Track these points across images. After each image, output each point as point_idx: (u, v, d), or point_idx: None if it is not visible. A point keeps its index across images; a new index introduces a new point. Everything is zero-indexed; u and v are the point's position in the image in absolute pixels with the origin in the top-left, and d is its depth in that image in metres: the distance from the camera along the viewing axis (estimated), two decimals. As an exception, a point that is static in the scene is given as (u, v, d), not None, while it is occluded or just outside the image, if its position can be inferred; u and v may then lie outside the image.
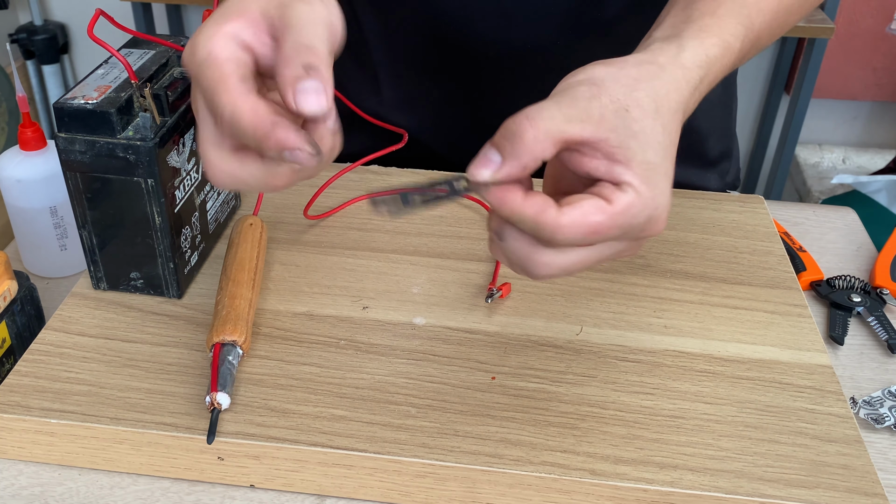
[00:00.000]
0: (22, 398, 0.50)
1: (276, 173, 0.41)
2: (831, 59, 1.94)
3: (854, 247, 0.73)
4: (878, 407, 0.55)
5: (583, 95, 0.40)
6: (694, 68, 0.44)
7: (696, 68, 0.44)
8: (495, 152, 0.41)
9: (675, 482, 0.46)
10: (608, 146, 0.39)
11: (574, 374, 0.53)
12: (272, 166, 0.41)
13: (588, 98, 0.40)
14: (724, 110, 0.82)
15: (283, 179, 0.41)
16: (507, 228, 0.41)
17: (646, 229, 0.41)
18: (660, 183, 0.40)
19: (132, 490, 0.49)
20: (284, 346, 0.54)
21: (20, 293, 0.56)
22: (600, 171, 0.40)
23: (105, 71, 0.55)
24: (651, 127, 0.40)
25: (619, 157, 0.39)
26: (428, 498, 0.49)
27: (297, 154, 0.39)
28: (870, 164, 2.04)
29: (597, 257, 0.42)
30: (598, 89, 0.40)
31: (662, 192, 0.40)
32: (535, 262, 0.41)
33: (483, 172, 0.41)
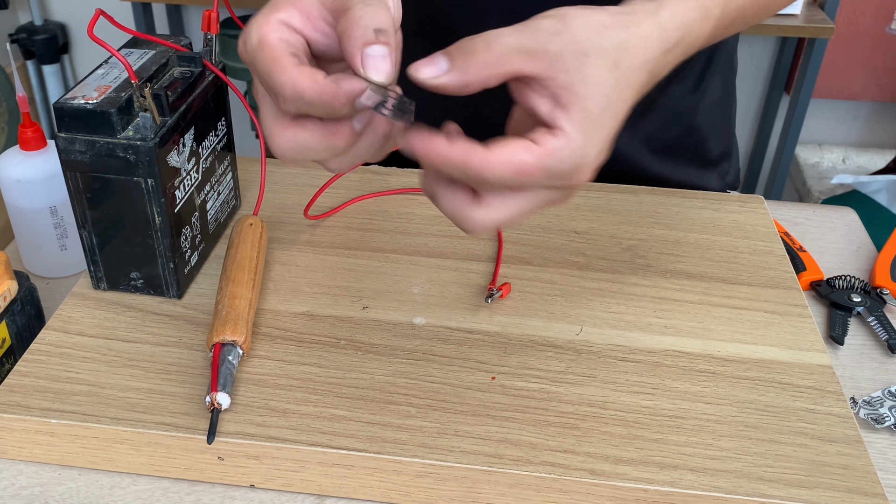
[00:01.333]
0: (22, 398, 0.50)
1: (336, 130, 0.42)
2: (831, 59, 1.94)
3: (854, 247, 0.73)
4: (878, 407, 0.55)
5: (546, 29, 0.40)
6: (671, 29, 0.44)
7: (672, 29, 0.44)
8: (444, 59, 0.41)
9: (675, 482, 0.46)
10: (556, 86, 0.40)
11: (574, 374, 0.53)
12: (332, 125, 0.42)
13: (551, 33, 0.40)
14: (724, 110, 0.82)
15: (343, 136, 0.42)
16: (439, 186, 0.42)
17: (572, 177, 0.41)
18: (594, 135, 0.40)
19: (132, 490, 0.49)
20: (284, 346, 0.54)
21: (20, 293, 0.56)
22: (542, 110, 0.40)
23: (105, 71, 0.55)
24: (604, 77, 0.40)
25: (563, 101, 0.40)
26: (428, 498, 0.49)
27: (369, 94, 0.40)
28: (870, 164, 2.04)
29: (527, 207, 0.42)
30: (564, 27, 0.40)
31: (595, 143, 0.40)
32: (467, 217, 0.42)
33: (425, 71, 0.40)
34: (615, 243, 0.65)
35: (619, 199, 0.70)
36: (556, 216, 0.68)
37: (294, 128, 0.42)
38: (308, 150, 0.43)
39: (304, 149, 0.43)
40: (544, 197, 0.42)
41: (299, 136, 0.42)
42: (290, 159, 0.43)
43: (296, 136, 0.42)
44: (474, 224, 0.42)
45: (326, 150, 0.43)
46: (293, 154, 0.43)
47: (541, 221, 0.67)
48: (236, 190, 0.67)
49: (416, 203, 0.69)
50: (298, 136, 0.42)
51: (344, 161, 0.44)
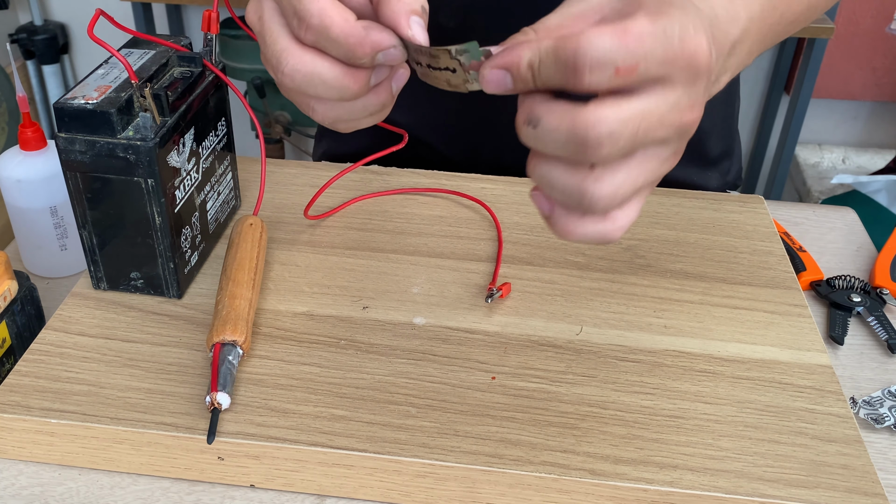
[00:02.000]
0: (22, 398, 0.50)
1: (356, 72, 0.41)
2: (831, 59, 1.94)
3: (854, 247, 0.73)
4: (878, 407, 0.55)
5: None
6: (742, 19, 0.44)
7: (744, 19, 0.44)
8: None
9: (675, 482, 0.46)
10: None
11: (574, 374, 0.53)
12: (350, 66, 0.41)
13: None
14: (726, 109, 0.82)
15: (359, 81, 0.41)
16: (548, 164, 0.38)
17: (683, 51, 0.36)
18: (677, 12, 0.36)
19: (132, 490, 0.49)
20: (284, 346, 0.54)
21: (20, 293, 0.56)
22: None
23: (105, 71, 0.55)
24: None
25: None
26: (428, 498, 0.49)
27: (393, 52, 0.40)
28: (870, 164, 2.04)
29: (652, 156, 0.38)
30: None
31: (682, 19, 0.36)
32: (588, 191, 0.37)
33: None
34: (615, 243, 0.65)
35: (619, 199, 0.70)
36: (556, 216, 0.68)
37: (314, 53, 0.41)
38: (319, 83, 0.41)
39: (317, 79, 0.41)
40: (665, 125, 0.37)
41: (318, 63, 0.41)
42: (296, 86, 0.42)
43: (314, 62, 0.41)
44: (599, 197, 0.37)
45: (337, 89, 0.42)
46: (302, 80, 0.41)
47: (540, 221, 0.67)
48: (236, 190, 0.67)
49: (416, 203, 0.69)
50: (317, 63, 0.41)
51: (338, 111, 0.43)
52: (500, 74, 0.38)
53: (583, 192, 0.38)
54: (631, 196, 0.39)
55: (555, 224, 0.41)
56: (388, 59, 0.40)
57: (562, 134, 0.36)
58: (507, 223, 0.67)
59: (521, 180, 0.72)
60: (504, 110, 0.46)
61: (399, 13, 0.40)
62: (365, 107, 0.44)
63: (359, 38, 0.39)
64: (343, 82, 0.41)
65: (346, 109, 0.44)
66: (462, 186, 0.71)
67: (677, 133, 0.38)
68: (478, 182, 0.72)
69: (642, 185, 0.39)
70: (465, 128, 0.77)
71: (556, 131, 0.36)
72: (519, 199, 0.70)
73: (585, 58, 0.34)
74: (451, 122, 0.77)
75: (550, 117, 0.37)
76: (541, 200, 0.41)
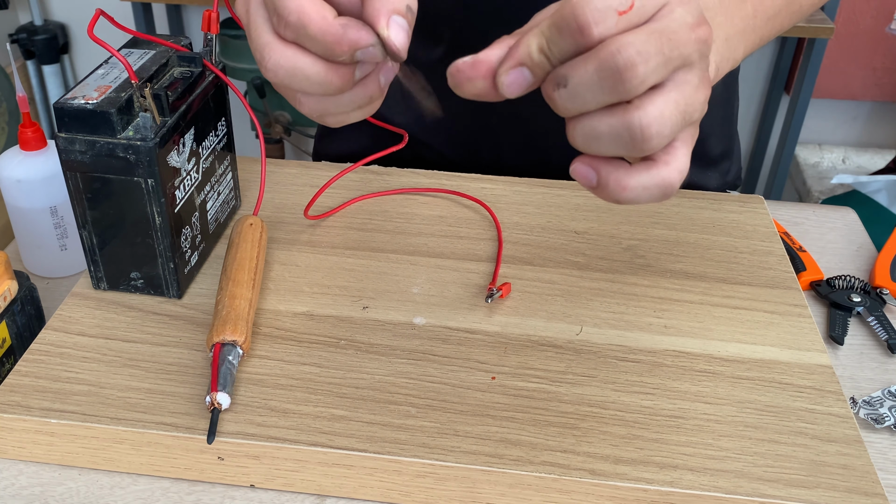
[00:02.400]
0: (22, 398, 0.50)
1: (339, 68, 0.41)
2: (831, 59, 1.94)
3: (854, 247, 0.73)
4: (878, 407, 0.55)
5: None
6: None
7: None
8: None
9: (675, 482, 0.46)
10: None
11: (574, 374, 0.53)
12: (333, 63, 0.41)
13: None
14: (726, 109, 0.82)
15: (343, 77, 0.41)
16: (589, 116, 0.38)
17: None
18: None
19: (132, 490, 0.49)
20: (284, 346, 0.54)
21: (20, 293, 0.56)
22: None
23: (105, 71, 0.55)
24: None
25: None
26: (428, 498, 0.49)
27: (371, 51, 0.39)
28: (870, 164, 2.04)
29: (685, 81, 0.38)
30: None
31: None
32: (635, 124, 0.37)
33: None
34: (615, 243, 0.65)
35: (619, 199, 0.70)
36: (556, 216, 0.68)
37: (295, 48, 0.41)
38: (302, 78, 0.41)
39: (300, 74, 0.41)
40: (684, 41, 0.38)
41: (299, 59, 0.41)
42: (280, 80, 0.42)
43: (295, 58, 0.41)
44: (648, 122, 0.37)
45: (321, 84, 0.41)
46: (286, 75, 0.41)
47: (541, 221, 0.67)
48: (236, 190, 0.67)
49: (416, 203, 0.69)
50: (298, 58, 0.41)
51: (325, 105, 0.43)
52: (517, 73, 0.39)
53: (630, 125, 0.37)
54: (678, 126, 0.38)
55: (606, 186, 0.40)
56: (367, 57, 0.40)
57: (592, 74, 0.37)
58: (507, 223, 0.67)
59: (521, 180, 0.72)
60: (503, 111, 0.46)
61: (380, 11, 0.40)
62: (352, 100, 0.43)
63: (336, 35, 0.39)
64: (326, 78, 0.41)
65: (333, 103, 0.43)
66: (462, 186, 0.71)
67: (696, 50, 0.38)
68: (478, 182, 0.72)
69: (684, 112, 0.38)
70: (465, 128, 0.77)
71: (586, 75, 0.37)
72: (519, 199, 0.70)
73: (585, 14, 0.36)
74: (451, 123, 0.77)
75: (576, 69, 0.37)
76: (584, 170, 0.40)
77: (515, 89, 0.39)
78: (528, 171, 0.75)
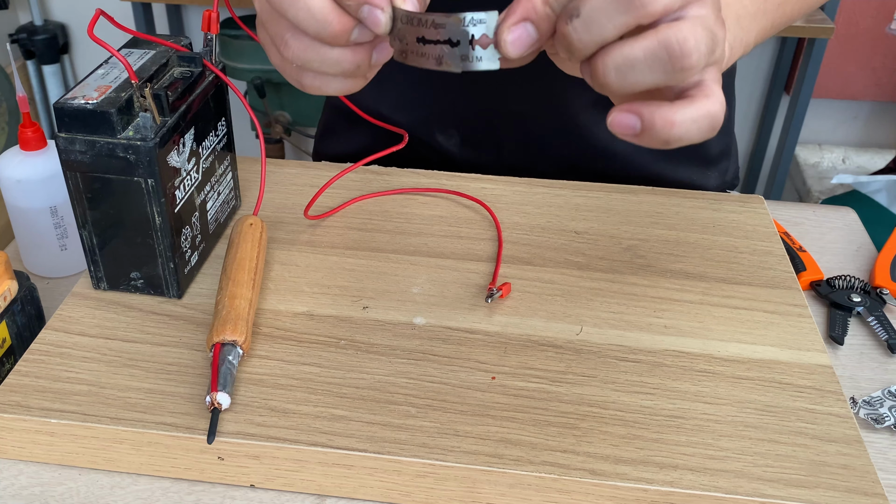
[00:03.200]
0: (22, 398, 0.50)
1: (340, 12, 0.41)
2: (831, 59, 1.94)
3: (854, 247, 0.73)
4: (878, 407, 0.55)
5: None
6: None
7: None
8: None
9: (675, 482, 0.46)
10: None
11: (574, 374, 0.53)
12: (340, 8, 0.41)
13: None
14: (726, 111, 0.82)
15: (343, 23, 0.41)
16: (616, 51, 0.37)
17: None
18: None
19: (132, 490, 0.49)
20: (284, 346, 0.54)
21: (20, 293, 0.56)
22: None
23: (105, 71, 0.55)
24: None
25: None
26: (428, 498, 0.49)
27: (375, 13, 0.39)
28: (870, 164, 2.04)
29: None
30: None
31: None
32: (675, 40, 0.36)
33: None
34: (615, 243, 0.65)
35: (619, 199, 0.70)
36: (556, 216, 0.68)
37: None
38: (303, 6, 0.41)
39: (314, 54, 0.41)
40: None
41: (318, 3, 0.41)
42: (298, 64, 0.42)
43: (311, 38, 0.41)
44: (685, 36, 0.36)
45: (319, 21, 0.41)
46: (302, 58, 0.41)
47: (540, 221, 0.67)
48: (236, 190, 0.67)
49: (416, 203, 0.69)
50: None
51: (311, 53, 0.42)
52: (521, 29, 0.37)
53: (668, 41, 0.36)
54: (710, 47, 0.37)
55: (652, 126, 0.38)
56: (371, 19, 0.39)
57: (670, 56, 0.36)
58: (507, 223, 0.67)
59: (521, 180, 0.72)
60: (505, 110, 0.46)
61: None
62: (339, 60, 0.42)
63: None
64: (327, 15, 0.40)
65: (319, 54, 0.42)
66: (462, 186, 0.71)
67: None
68: (478, 182, 0.72)
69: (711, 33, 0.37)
70: (466, 128, 0.77)
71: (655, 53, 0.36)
72: (519, 199, 0.70)
73: None
74: (452, 122, 0.77)
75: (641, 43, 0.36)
76: (624, 118, 0.39)
77: (519, 46, 0.38)
78: (529, 171, 0.75)
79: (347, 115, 0.81)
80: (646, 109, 0.38)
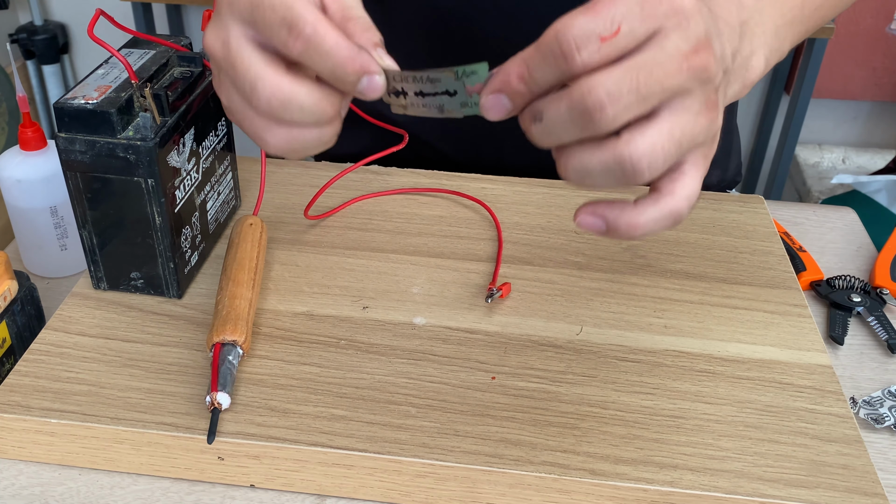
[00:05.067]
0: (22, 398, 0.50)
1: (329, 97, 0.41)
2: (831, 59, 1.94)
3: (854, 247, 0.73)
4: (878, 407, 0.55)
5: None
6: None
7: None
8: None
9: (675, 482, 0.46)
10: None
11: (574, 374, 0.53)
12: (327, 87, 0.41)
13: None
14: (727, 107, 0.82)
15: (333, 105, 0.41)
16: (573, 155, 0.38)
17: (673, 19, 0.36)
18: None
19: (132, 490, 0.49)
20: (284, 346, 0.54)
21: (20, 293, 0.56)
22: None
23: (105, 71, 0.55)
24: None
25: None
26: (428, 498, 0.49)
27: (376, 80, 0.40)
28: (870, 164, 2.04)
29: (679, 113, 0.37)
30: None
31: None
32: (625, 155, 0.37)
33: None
34: (615, 243, 0.65)
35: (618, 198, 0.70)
36: (556, 216, 0.68)
37: (291, 78, 0.40)
38: (296, 108, 0.40)
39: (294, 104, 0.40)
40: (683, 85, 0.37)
41: (296, 88, 0.40)
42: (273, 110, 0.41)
43: (292, 88, 0.40)
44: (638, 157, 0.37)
45: (315, 113, 0.41)
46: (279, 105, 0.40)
47: (540, 221, 0.67)
48: (236, 190, 0.67)
49: (416, 203, 0.69)
50: (294, 87, 0.40)
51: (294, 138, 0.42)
52: (495, 99, 0.38)
53: (620, 160, 0.37)
54: (672, 156, 0.38)
55: (617, 227, 0.39)
56: (371, 86, 0.40)
57: (564, 112, 0.36)
58: (507, 223, 0.67)
59: (521, 180, 0.72)
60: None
61: (367, 45, 0.40)
62: (321, 134, 0.43)
63: (351, 53, 0.39)
64: (321, 106, 0.41)
65: (303, 136, 0.42)
66: (462, 186, 0.71)
67: (693, 78, 0.37)
68: (478, 182, 0.72)
69: (680, 141, 0.38)
70: (466, 128, 0.77)
71: (559, 112, 0.37)
72: (519, 198, 0.70)
73: (568, 39, 0.35)
74: (452, 122, 0.77)
75: (550, 105, 0.37)
76: (590, 220, 0.40)
77: (494, 113, 0.39)
78: (529, 170, 0.75)
79: (348, 115, 0.81)
80: (610, 213, 0.40)
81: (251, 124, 0.43)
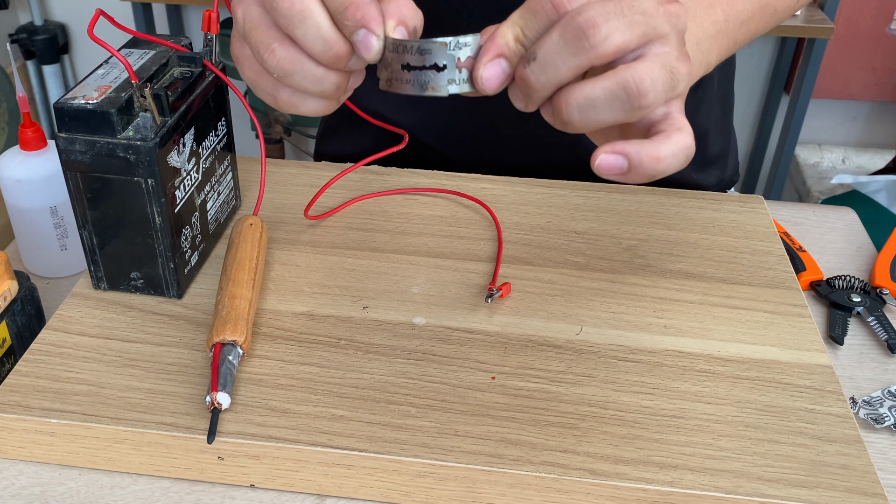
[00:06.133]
0: (22, 398, 0.50)
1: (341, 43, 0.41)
2: (831, 59, 1.94)
3: (854, 247, 0.73)
4: (878, 407, 0.55)
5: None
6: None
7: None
8: None
9: (675, 482, 0.46)
10: None
11: (574, 374, 0.53)
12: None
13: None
14: (723, 107, 0.82)
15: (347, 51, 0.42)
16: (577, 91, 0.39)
17: None
18: None
19: (132, 490, 0.49)
20: (284, 346, 0.54)
21: (20, 293, 0.56)
22: None
23: (105, 71, 0.55)
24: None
25: None
26: (428, 498, 0.49)
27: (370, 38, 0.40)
28: (869, 164, 2.04)
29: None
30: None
31: None
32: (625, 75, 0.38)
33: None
34: (615, 243, 0.65)
35: (619, 199, 0.70)
36: (556, 216, 0.68)
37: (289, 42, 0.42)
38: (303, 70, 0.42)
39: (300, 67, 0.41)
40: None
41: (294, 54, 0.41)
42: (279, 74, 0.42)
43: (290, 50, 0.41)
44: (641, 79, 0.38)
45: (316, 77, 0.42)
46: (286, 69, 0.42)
47: (540, 221, 0.67)
48: (236, 190, 0.67)
49: (416, 203, 0.69)
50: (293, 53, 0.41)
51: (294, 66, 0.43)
52: (495, 66, 0.39)
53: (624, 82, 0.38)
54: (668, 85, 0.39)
55: (640, 164, 0.39)
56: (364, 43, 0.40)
57: (557, 40, 0.37)
58: (507, 223, 0.67)
59: (521, 180, 0.72)
60: (504, 110, 0.46)
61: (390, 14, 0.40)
62: (321, 79, 0.43)
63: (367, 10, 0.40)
64: (333, 35, 0.41)
65: (304, 69, 0.43)
66: (462, 186, 0.71)
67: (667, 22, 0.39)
68: (478, 182, 0.72)
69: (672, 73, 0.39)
70: (466, 128, 0.77)
71: (552, 42, 0.38)
72: (519, 198, 0.70)
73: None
74: (452, 123, 0.77)
75: (542, 41, 0.38)
76: (611, 159, 0.40)
77: (495, 81, 0.39)
78: (529, 171, 0.75)
79: (348, 115, 0.81)
80: (631, 148, 0.39)
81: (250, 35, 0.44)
